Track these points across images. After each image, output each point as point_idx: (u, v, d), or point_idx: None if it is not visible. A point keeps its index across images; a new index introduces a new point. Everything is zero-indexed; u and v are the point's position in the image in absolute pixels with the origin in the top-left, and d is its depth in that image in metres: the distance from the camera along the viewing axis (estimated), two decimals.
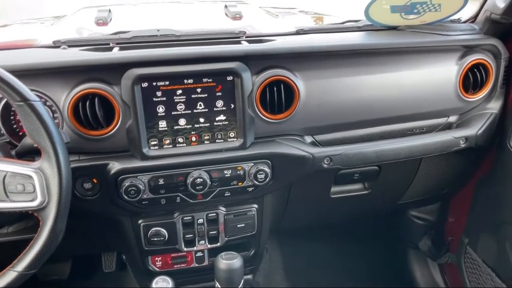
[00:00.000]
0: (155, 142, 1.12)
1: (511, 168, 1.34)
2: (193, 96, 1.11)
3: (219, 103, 1.13)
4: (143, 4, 2.30)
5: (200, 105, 1.12)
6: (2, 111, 1.07)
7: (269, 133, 1.21)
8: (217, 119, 1.14)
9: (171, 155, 1.13)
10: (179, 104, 1.10)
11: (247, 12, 1.79)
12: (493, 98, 1.37)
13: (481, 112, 1.38)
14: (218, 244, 1.32)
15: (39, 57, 1.10)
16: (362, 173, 1.37)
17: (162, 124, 1.11)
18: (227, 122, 1.15)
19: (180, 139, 1.13)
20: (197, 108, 1.12)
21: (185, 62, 1.08)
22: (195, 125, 1.13)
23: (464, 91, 1.32)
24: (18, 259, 0.89)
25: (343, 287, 1.88)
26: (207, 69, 1.09)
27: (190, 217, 1.27)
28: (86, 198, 1.11)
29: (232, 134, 1.16)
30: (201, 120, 1.13)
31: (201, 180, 1.13)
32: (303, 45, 1.20)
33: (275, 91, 1.15)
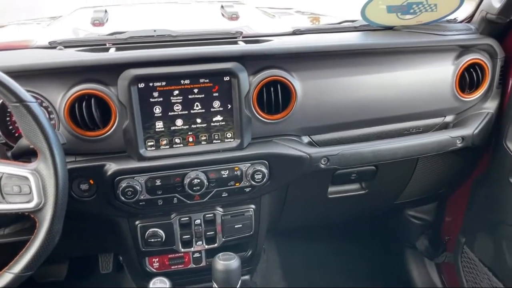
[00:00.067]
0: (152, 143, 1.11)
1: (508, 167, 1.35)
2: (190, 96, 1.10)
3: (216, 104, 1.12)
4: (140, 4, 2.30)
5: (197, 106, 1.12)
6: None
7: (266, 133, 1.21)
8: (214, 119, 1.14)
9: (168, 156, 1.13)
10: (176, 105, 1.10)
11: (243, 12, 1.79)
12: (489, 97, 1.37)
13: (477, 112, 1.38)
14: (216, 245, 1.32)
15: (35, 57, 1.10)
16: (359, 173, 1.37)
17: (159, 125, 1.11)
18: (224, 123, 1.14)
19: (177, 140, 1.13)
20: (194, 109, 1.12)
21: (182, 63, 1.08)
22: (192, 126, 1.13)
23: (460, 91, 1.33)
24: (14, 261, 0.89)
25: (341, 287, 1.89)
26: (203, 70, 1.09)
27: (187, 218, 1.26)
28: (83, 199, 1.11)
29: (229, 135, 1.16)
30: (198, 120, 1.13)
31: (198, 180, 1.13)
32: (299, 45, 1.20)
33: (272, 91, 1.15)
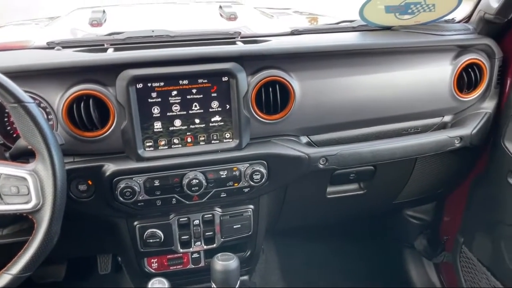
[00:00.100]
0: (150, 143, 1.11)
1: (506, 167, 1.35)
2: (188, 97, 1.10)
3: (215, 104, 1.12)
4: (138, 5, 2.30)
5: (196, 106, 1.12)
6: None
7: (265, 133, 1.21)
8: (212, 120, 1.13)
9: (167, 156, 1.12)
10: (174, 105, 1.10)
11: (242, 12, 1.79)
12: (487, 97, 1.37)
13: (475, 112, 1.38)
14: (214, 245, 1.31)
15: (33, 58, 1.09)
16: (358, 173, 1.37)
17: (157, 125, 1.10)
18: (222, 123, 1.14)
19: (175, 140, 1.13)
20: (192, 109, 1.12)
21: (180, 63, 1.08)
22: (191, 126, 1.13)
23: (458, 90, 1.33)
24: (12, 262, 0.88)
25: (340, 287, 1.89)
26: (202, 70, 1.09)
27: (186, 218, 1.26)
28: (81, 200, 1.10)
29: (227, 135, 1.16)
30: (197, 121, 1.13)
31: (197, 181, 1.13)
32: (298, 46, 1.20)
33: (270, 91, 1.15)
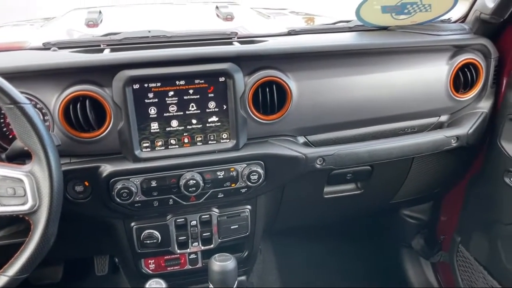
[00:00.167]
0: (147, 144, 1.11)
1: (502, 166, 1.36)
2: (185, 97, 1.10)
3: (212, 104, 1.12)
4: (134, 5, 2.29)
5: (192, 107, 1.11)
6: None
7: (262, 134, 1.21)
8: (209, 120, 1.13)
9: (164, 157, 1.12)
10: (171, 106, 1.10)
11: (238, 13, 1.79)
12: (484, 97, 1.38)
13: (472, 111, 1.39)
14: (212, 246, 1.31)
15: (29, 59, 1.09)
16: (355, 173, 1.38)
17: (154, 126, 1.10)
18: (219, 123, 1.14)
19: (172, 141, 1.13)
20: (189, 110, 1.11)
21: (177, 63, 1.08)
22: (188, 127, 1.13)
23: (454, 90, 1.33)
24: (9, 264, 0.88)
25: (337, 287, 1.89)
26: (199, 70, 1.09)
27: (183, 219, 1.26)
28: (78, 201, 1.10)
29: (224, 135, 1.16)
30: (194, 121, 1.13)
31: (194, 181, 1.13)
32: (294, 46, 1.20)
33: (267, 92, 1.15)
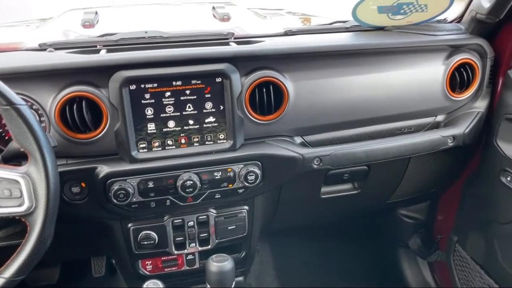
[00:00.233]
0: (144, 145, 1.11)
1: (498, 166, 1.36)
2: (182, 98, 1.10)
3: (208, 105, 1.12)
4: (130, 6, 2.29)
5: (189, 107, 1.11)
6: None
7: (259, 134, 1.21)
8: (206, 121, 1.13)
9: (160, 158, 1.12)
10: (168, 106, 1.10)
11: (235, 13, 1.78)
12: (480, 97, 1.38)
13: (468, 111, 1.39)
14: (209, 247, 1.31)
15: (25, 60, 1.08)
16: (352, 173, 1.38)
17: (151, 127, 1.10)
18: (216, 124, 1.14)
19: (169, 142, 1.13)
20: (186, 110, 1.11)
21: (174, 64, 1.08)
22: (184, 127, 1.12)
23: (451, 90, 1.34)
24: (5, 266, 0.88)
25: (335, 287, 1.89)
26: (195, 71, 1.09)
27: (180, 220, 1.26)
28: (75, 202, 1.10)
29: (221, 136, 1.15)
30: (190, 122, 1.12)
31: (191, 182, 1.12)
32: (291, 46, 1.20)
33: (264, 92, 1.15)
